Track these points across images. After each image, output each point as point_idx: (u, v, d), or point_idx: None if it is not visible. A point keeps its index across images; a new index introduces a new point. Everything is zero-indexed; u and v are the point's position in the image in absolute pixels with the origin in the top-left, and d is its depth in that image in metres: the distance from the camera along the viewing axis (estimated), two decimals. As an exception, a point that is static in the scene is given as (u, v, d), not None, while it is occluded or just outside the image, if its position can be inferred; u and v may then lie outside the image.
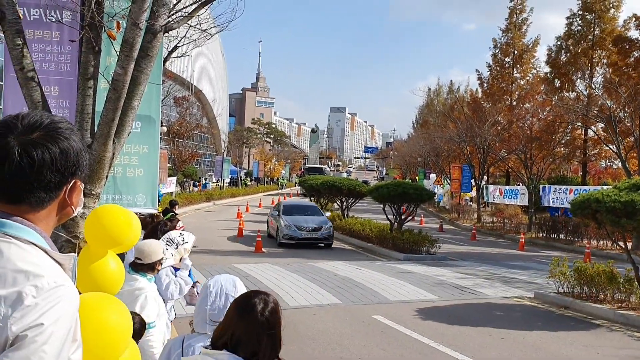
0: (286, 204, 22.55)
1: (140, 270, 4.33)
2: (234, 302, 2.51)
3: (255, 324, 2.32)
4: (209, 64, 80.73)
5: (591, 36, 31.41)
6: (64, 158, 1.47)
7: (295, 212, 20.94)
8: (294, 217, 20.18)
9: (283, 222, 19.71)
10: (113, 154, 3.82)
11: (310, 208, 22.53)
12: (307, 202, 25.17)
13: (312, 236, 19.48)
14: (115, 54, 3.97)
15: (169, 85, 38.13)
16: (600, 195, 10.44)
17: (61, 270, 1.47)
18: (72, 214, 1.61)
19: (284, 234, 19.42)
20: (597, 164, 38.44)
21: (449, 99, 61.88)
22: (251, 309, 2.36)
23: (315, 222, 20.02)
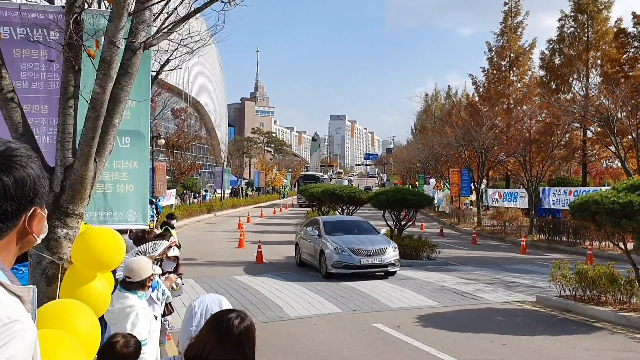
0: (327, 220, 17.32)
1: (131, 288, 4.30)
2: (211, 316, 2.51)
3: (228, 339, 2.32)
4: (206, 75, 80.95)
5: (585, 37, 31.45)
6: (20, 186, 1.43)
7: (341, 229, 16.50)
8: (343, 237, 15.63)
9: (331, 245, 14.99)
10: (95, 173, 3.78)
11: (358, 224, 17.38)
12: (352, 217, 19.92)
13: (374, 262, 14.70)
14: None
15: (165, 97, 38.19)
16: (598, 197, 10.38)
17: (18, 303, 1.42)
18: (34, 242, 1.57)
19: (335, 261, 14.64)
20: (598, 165, 38.38)
21: (447, 104, 61.99)
22: (226, 323, 2.36)
23: (374, 242, 15.32)
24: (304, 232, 17.40)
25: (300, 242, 17.55)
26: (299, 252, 17.38)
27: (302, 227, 18.44)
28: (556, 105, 27.76)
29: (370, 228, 17.00)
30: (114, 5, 3.36)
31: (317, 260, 15.60)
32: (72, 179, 3.70)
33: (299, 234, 18.16)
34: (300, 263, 17.21)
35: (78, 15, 3.67)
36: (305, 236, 17.09)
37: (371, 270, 14.78)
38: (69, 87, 3.78)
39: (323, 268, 15.06)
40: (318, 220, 17.27)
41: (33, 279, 3.79)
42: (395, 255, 15.15)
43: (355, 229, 16.67)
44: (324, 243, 15.35)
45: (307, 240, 16.77)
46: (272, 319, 10.44)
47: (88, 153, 3.61)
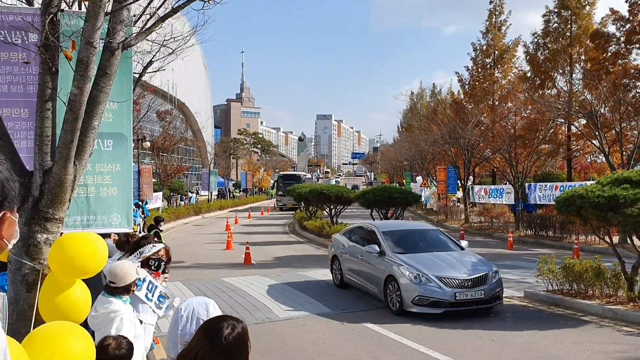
0: (388, 230, 12.48)
1: (115, 293, 4.24)
2: (204, 323, 2.52)
3: (219, 347, 2.30)
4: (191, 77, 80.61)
5: (569, 33, 31.73)
6: None
7: (408, 243, 12.05)
8: (419, 256, 11.26)
9: (407, 271, 10.66)
10: (75, 177, 3.71)
11: (428, 234, 12.76)
12: (415, 224, 15.45)
13: (476, 296, 10.36)
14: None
15: (150, 100, 37.96)
16: (584, 191, 10.44)
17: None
18: (5, 248, 1.52)
19: (418, 296, 10.31)
20: (582, 160, 38.69)
21: (432, 102, 62.24)
22: (217, 331, 2.34)
23: (467, 265, 10.98)
24: (348, 245, 13.18)
25: (342, 258, 13.29)
26: (340, 269, 13.30)
27: (342, 235, 14.02)
28: (540, 101, 27.95)
29: (447, 239, 12.61)
30: (90, 5, 3.30)
31: (379, 288, 11.24)
32: (51, 183, 3.63)
33: (336, 245, 13.83)
34: (342, 284, 13.21)
35: (54, 16, 3.60)
36: (352, 251, 12.85)
37: (471, 309, 10.38)
38: (46, 90, 3.71)
39: (395, 302, 10.72)
40: (373, 229, 12.56)
41: (13, 286, 3.72)
42: (499, 284, 10.81)
43: (426, 242, 12.20)
44: (392, 266, 10.99)
45: (357, 258, 12.47)
46: (261, 320, 10.39)
47: (67, 156, 3.55)
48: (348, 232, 14.00)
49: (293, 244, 24.49)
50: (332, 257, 13.99)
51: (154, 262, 4.88)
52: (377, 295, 11.54)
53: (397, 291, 10.68)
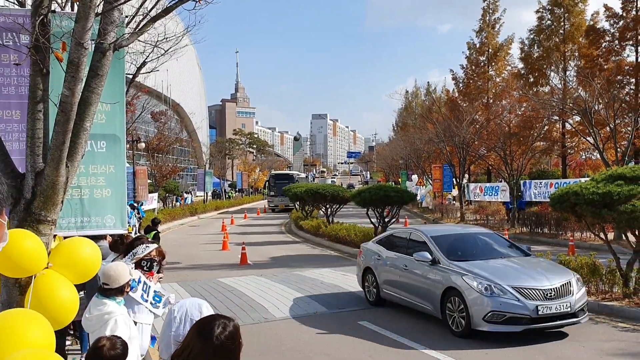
0: (439, 235, 10.61)
1: (109, 294, 4.22)
2: (196, 323, 2.54)
3: (210, 346, 2.31)
4: (185, 77, 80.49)
5: (562, 30, 31.85)
6: None
7: (465, 249, 10.25)
8: (485, 264, 9.48)
9: (474, 281, 8.87)
10: (67, 178, 3.70)
11: (486, 239, 10.82)
12: (468, 227, 13.11)
13: (561, 309, 8.64)
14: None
15: (145, 100, 37.87)
16: (578, 188, 10.47)
17: None
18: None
19: (491, 311, 8.57)
20: (577, 157, 38.82)
21: (427, 100, 62.33)
22: (209, 331, 2.35)
23: (546, 271, 9.26)
24: (385, 255, 11.22)
25: (378, 270, 11.26)
26: (375, 283, 11.33)
27: (375, 244, 12.02)
28: (534, 98, 28.03)
29: (507, 243, 10.94)
30: (80, 6, 3.28)
31: (434, 303, 9.41)
32: (44, 185, 3.61)
33: (368, 256, 11.80)
34: (379, 300, 11.22)
35: (44, 17, 3.58)
36: (392, 261, 10.94)
37: (555, 324, 8.66)
38: (37, 91, 3.69)
39: (458, 320, 8.90)
40: (419, 234, 10.69)
41: (6, 289, 3.70)
42: (583, 294, 9.10)
43: (484, 247, 10.41)
44: (452, 276, 9.15)
45: (399, 269, 10.60)
46: (258, 320, 10.37)
47: (59, 158, 3.53)
48: (383, 239, 11.95)
49: (289, 243, 24.48)
50: (363, 270, 11.84)
51: (146, 262, 4.86)
52: (430, 312, 9.61)
53: (460, 307, 8.79)
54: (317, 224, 25.52)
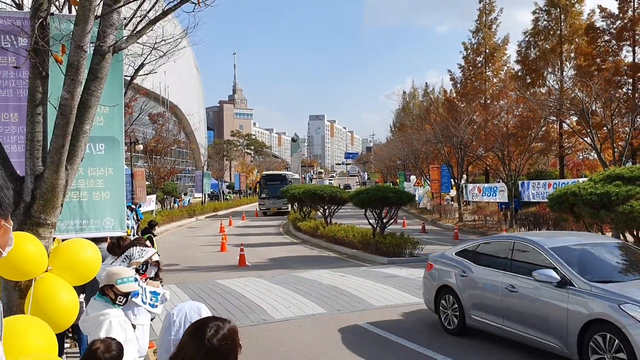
0: (561, 246, 8.01)
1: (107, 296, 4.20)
2: (191, 324, 2.51)
3: (203, 348, 2.31)
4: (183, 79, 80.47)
5: (559, 31, 31.91)
6: None
7: (608, 269, 7.83)
8: None
9: None
10: (67, 181, 3.69)
11: (618, 251, 8.42)
12: (591, 237, 9.23)
13: None
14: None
15: (142, 102, 37.83)
16: (576, 188, 10.49)
17: None
18: (0, 256, 1.50)
19: None
20: (574, 157, 38.90)
21: (425, 101, 62.39)
22: (202, 333, 2.35)
23: None
24: (475, 269, 8.85)
25: (464, 291, 8.96)
26: (459, 306, 9.03)
27: (456, 256, 9.53)
28: (532, 99, 28.08)
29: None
30: (79, 9, 3.28)
31: (568, 341, 7.01)
32: (43, 188, 3.61)
33: (444, 271, 9.50)
34: (462, 329, 8.98)
35: (44, 20, 3.58)
36: (488, 280, 8.55)
37: None
38: (36, 94, 3.69)
39: None
40: (533, 245, 8.15)
41: (6, 292, 3.69)
42: None
43: (625, 264, 8.11)
44: (599, 303, 6.77)
45: (502, 290, 8.14)
46: (257, 322, 10.36)
47: (58, 161, 3.53)
48: (470, 250, 9.35)
49: (287, 245, 24.47)
50: (437, 289, 9.52)
51: (141, 266, 4.86)
52: (558, 351, 7.22)
53: (616, 347, 6.41)
54: (315, 225, 25.52)
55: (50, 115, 3.80)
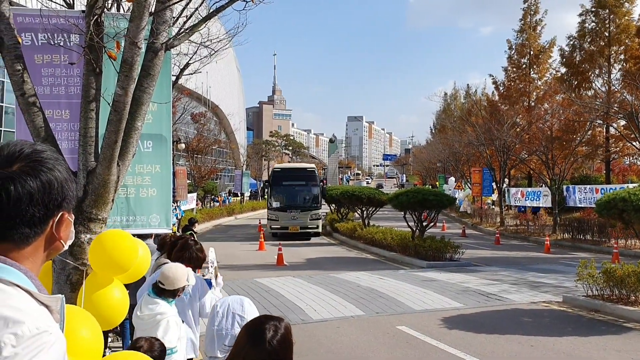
0: None
1: (163, 294, 4.23)
2: (244, 327, 2.45)
3: (264, 352, 2.24)
4: (224, 80, 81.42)
5: (607, 32, 31.00)
6: (47, 190, 1.37)
7: None
8: None
9: None
10: (118, 177, 3.74)
11: None
12: None
13: None
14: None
15: (185, 102, 38.43)
16: (626, 194, 10.18)
17: (47, 313, 1.35)
18: (61, 249, 1.51)
19: None
20: (621, 162, 37.78)
21: (466, 102, 61.55)
22: (260, 335, 2.29)
23: None
24: None
25: None
26: None
27: None
28: (578, 102, 27.37)
29: None
30: (134, 5, 3.32)
31: None
32: (95, 184, 3.66)
33: None
34: None
35: (98, 17, 3.63)
36: None
37: None
38: (90, 90, 3.74)
39: None
40: None
41: (57, 285, 3.76)
42: None
43: None
44: None
45: None
46: (295, 322, 10.35)
47: (111, 157, 3.58)
48: None
49: (324, 245, 24.47)
50: None
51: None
52: None
53: None
54: (353, 226, 25.42)
55: (102, 112, 3.86)
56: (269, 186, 28.27)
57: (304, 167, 30.93)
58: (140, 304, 4.11)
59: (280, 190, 27.88)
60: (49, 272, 3.85)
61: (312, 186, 27.87)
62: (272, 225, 27.39)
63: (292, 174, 29.11)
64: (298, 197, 27.82)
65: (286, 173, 29.28)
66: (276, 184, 28.20)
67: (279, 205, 27.50)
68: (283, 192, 27.79)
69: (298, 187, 27.96)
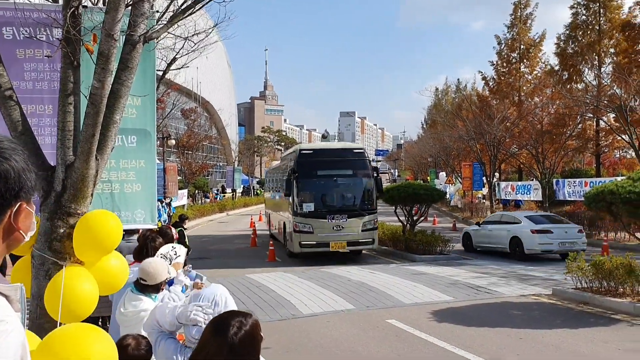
0: None
1: (145, 290, 4.21)
2: (210, 322, 2.42)
3: (225, 347, 2.20)
4: (215, 75, 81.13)
5: (597, 26, 31.12)
6: (3, 180, 1.35)
7: None
8: None
9: None
10: (97, 171, 3.70)
11: None
12: None
13: None
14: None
15: (175, 98, 38.26)
16: (614, 187, 10.22)
17: (5, 303, 1.33)
18: (22, 240, 1.48)
19: None
20: (611, 155, 37.97)
21: (457, 97, 61.63)
22: (224, 330, 2.24)
23: None
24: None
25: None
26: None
27: None
28: (568, 95, 27.47)
29: None
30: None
31: None
32: (74, 178, 3.62)
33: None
34: None
35: (75, 10, 3.59)
36: None
37: None
38: (67, 84, 3.70)
39: None
40: None
41: (37, 281, 3.73)
42: None
43: None
44: None
45: None
46: (285, 316, 10.36)
47: (89, 151, 3.54)
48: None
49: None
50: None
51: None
52: None
53: None
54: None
55: (82, 106, 3.81)
56: (293, 179, 17.66)
57: (349, 148, 19.72)
58: (123, 300, 4.09)
59: (313, 184, 18.15)
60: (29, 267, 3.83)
61: (363, 177, 18.36)
62: (302, 241, 17.49)
63: (331, 159, 18.60)
64: (343, 196, 18.44)
65: (322, 157, 18.60)
66: (306, 174, 17.84)
67: (313, 208, 17.71)
68: (317, 188, 18.24)
69: (342, 180, 18.50)
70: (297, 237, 17.57)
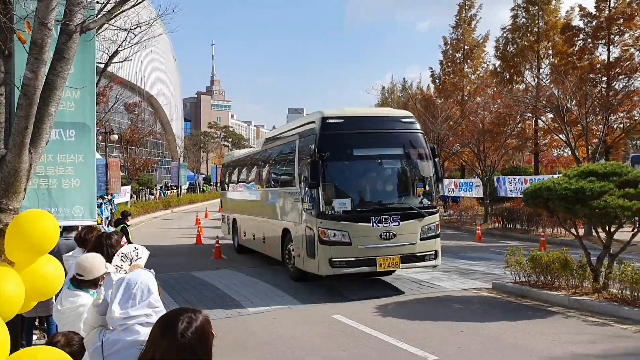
0: None
1: (82, 286, 4.08)
2: (159, 319, 2.32)
3: (175, 345, 2.12)
4: (160, 69, 79.54)
5: (536, 28, 32.22)
6: None
7: None
8: None
9: None
10: (30, 165, 3.56)
11: None
12: None
13: None
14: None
15: (118, 92, 37.27)
16: (551, 183, 10.56)
17: None
18: None
19: None
20: (549, 153, 39.38)
21: (403, 96, 62.48)
22: (173, 327, 2.16)
23: None
24: None
25: None
26: None
27: None
28: (509, 95, 28.30)
29: None
30: (43, -16, 3.15)
31: None
32: (5, 172, 3.47)
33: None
34: None
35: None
36: None
37: None
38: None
39: None
40: None
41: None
42: None
43: None
44: None
45: None
46: (231, 314, 10.28)
47: (21, 144, 3.39)
48: None
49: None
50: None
51: None
52: None
53: None
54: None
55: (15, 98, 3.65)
56: (316, 163, 11.29)
57: (396, 116, 12.90)
58: (60, 298, 3.95)
59: (348, 171, 12.20)
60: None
61: (419, 158, 12.38)
62: (334, 257, 11.32)
63: (373, 132, 12.27)
64: (391, 187, 12.65)
65: (358, 128, 12.10)
66: (335, 156, 11.63)
67: (349, 207, 11.59)
68: (354, 176, 12.30)
69: (389, 163, 12.64)
70: (325, 252, 11.31)
